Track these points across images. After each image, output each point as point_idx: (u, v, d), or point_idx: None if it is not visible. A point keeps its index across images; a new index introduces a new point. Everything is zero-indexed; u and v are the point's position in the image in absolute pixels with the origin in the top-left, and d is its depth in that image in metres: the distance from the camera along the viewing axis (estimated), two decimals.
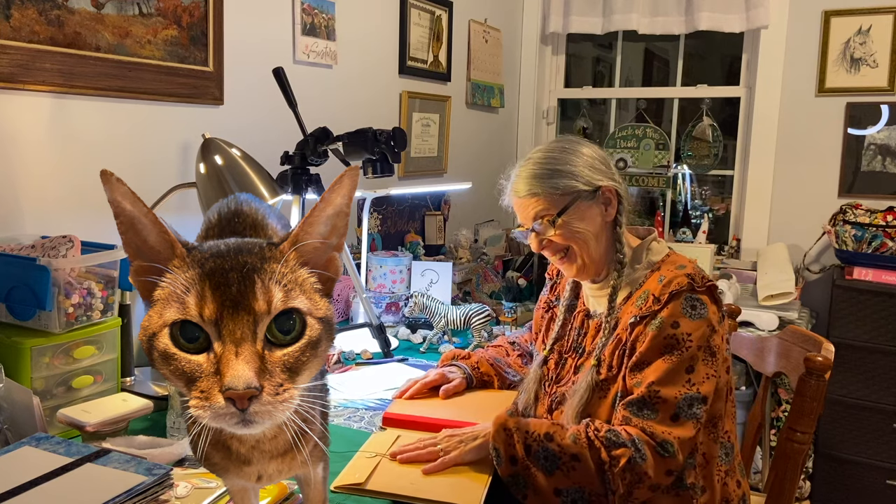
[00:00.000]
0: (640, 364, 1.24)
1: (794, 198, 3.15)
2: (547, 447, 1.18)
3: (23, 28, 1.44)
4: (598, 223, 1.36)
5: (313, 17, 2.23)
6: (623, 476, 1.16)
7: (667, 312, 1.24)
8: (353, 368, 1.76)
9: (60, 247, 1.37)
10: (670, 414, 1.20)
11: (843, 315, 2.71)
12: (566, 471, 1.17)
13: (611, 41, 3.77)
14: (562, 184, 1.34)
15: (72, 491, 0.97)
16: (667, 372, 1.21)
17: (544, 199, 1.35)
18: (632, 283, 1.36)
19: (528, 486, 1.18)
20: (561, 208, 1.34)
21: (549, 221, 1.34)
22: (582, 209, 1.35)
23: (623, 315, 1.33)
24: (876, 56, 2.92)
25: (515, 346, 1.69)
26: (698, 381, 1.21)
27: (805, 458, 1.40)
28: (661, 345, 1.23)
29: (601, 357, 1.32)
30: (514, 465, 1.19)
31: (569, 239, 1.35)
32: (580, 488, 1.18)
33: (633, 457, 1.16)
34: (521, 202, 1.38)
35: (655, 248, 1.38)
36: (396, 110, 2.75)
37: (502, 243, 3.21)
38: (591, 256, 1.36)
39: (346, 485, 1.15)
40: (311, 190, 1.68)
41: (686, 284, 1.25)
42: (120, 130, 1.68)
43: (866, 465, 2.73)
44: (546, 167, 1.37)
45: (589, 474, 1.17)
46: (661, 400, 1.20)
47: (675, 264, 1.33)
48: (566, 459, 1.17)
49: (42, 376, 1.30)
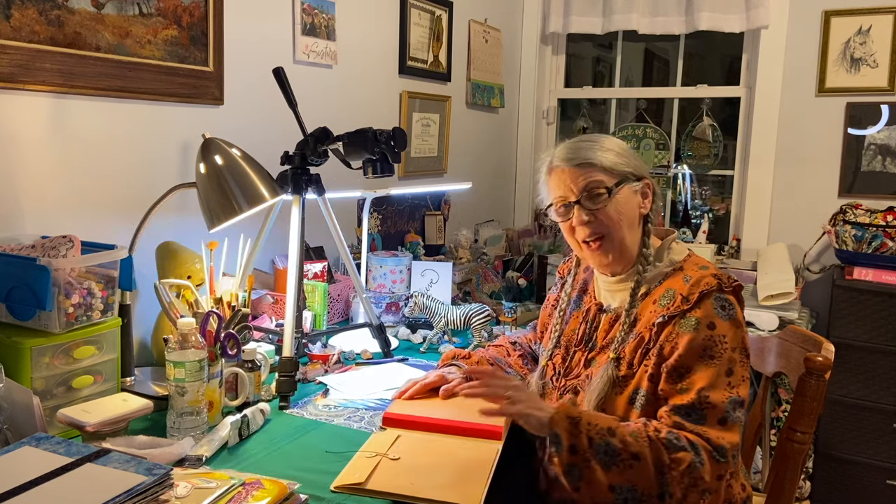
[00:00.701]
0: (680, 368, 1.24)
1: (794, 198, 3.15)
2: (609, 442, 1.17)
3: (23, 28, 1.44)
4: (636, 213, 1.37)
5: (313, 17, 2.23)
6: (681, 480, 1.16)
7: (700, 313, 1.25)
8: (353, 368, 1.76)
9: (60, 247, 1.37)
10: (718, 418, 1.20)
11: (843, 315, 2.71)
12: (624, 468, 1.16)
13: (611, 41, 3.76)
14: (617, 161, 1.35)
15: (72, 491, 0.97)
16: (713, 377, 1.21)
17: (599, 170, 1.34)
18: (651, 280, 1.36)
19: (583, 478, 1.17)
20: (615, 183, 1.34)
21: (604, 190, 1.33)
22: (627, 194, 1.36)
23: (643, 312, 1.33)
24: (876, 56, 2.92)
25: (517, 345, 1.68)
26: (736, 384, 1.23)
27: (805, 458, 1.40)
28: (699, 347, 1.23)
29: (620, 353, 1.32)
30: (575, 454, 1.17)
31: (611, 220, 1.34)
32: (634, 487, 1.17)
33: (694, 461, 1.16)
34: (572, 172, 1.35)
35: (676, 249, 1.40)
36: (396, 110, 2.75)
37: (502, 243, 3.21)
38: (624, 246, 1.36)
39: (346, 485, 1.15)
40: (311, 190, 1.68)
41: (715, 285, 1.26)
42: (120, 130, 1.68)
43: (866, 465, 2.73)
44: (602, 144, 1.37)
45: (647, 474, 1.16)
46: (711, 405, 1.20)
47: (698, 265, 1.34)
48: (626, 456, 1.16)
49: (42, 376, 1.30)
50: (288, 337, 1.55)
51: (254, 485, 1.07)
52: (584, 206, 1.34)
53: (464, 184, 2.83)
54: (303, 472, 1.20)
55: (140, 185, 1.73)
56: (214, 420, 1.39)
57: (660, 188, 1.43)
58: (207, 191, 1.53)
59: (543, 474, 1.45)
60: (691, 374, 1.23)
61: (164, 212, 1.66)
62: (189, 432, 1.30)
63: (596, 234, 1.36)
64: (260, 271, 2.10)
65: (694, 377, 1.23)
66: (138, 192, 1.72)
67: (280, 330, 1.73)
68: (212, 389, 1.38)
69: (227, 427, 1.30)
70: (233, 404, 1.46)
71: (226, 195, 1.52)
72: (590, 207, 1.34)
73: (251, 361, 1.50)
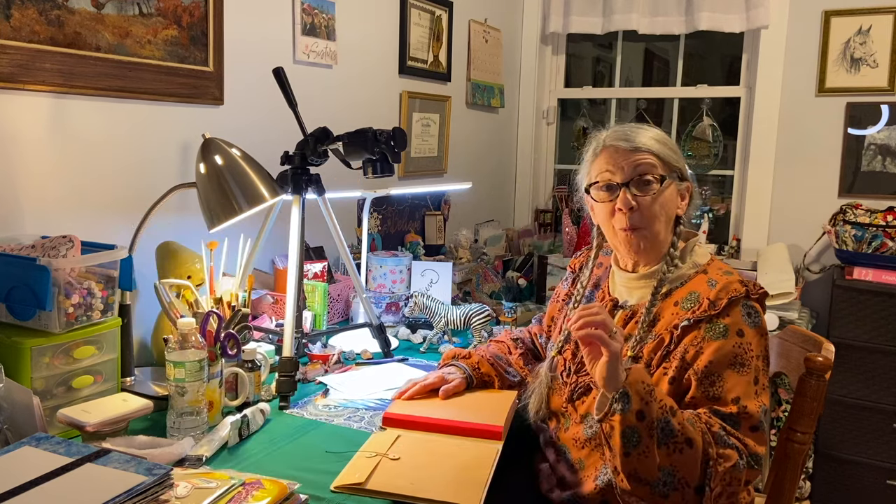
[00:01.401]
0: (711, 376, 1.23)
1: (794, 198, 3.15)
2: (669, 420, 1.15)
3: (23, 28, 1.44)
4: (673, 213, 1.38)
5: (313, 17, 2.23)
6: (723, 476, 1.16)
7: (730, 320, 1.25)
8: (353, 368, 1.76)
9: (60, 247, 1.37)
10: (751, 426, 1.21)
11: (843, 315, 2.71)
12: (673, 450, 1.15)
13: (611, 41, 3.76)
14: (671, 155, 1.36)
15: (72, 491, 0.97)
16: (746, 385, 1.22)
17: (656, 159, 1.34)
18: (673, 280, 1.35)
19: (639, 444, 1.15)
20: (666, 174, 1.34)
21: (656, 178, 1.32)
22: (672, 190, 1.36)
23: (663, 312, 1.33)
24: (876, 56, 2.92)
25: (519, 343, 1.66)
26: (761, 392, 1.23)
27: (805, 458, 1.40)
28: (730, 354, 1.23)
29: (639, 353, 1.31)
30: (641, 420, 1.14)
31: (653, 213, 1.33)
32: (675, 471, 1.15)
33: (738, 462, 1.17)
34: (626, 153, 1.34)
35: (699, 252, 1.39)
36: (396, 110, 2.75)
37: (502, 243, 3.21)
38: (657, 241, 1.36)
39: (346, 485, 1.15)
40: (311, 190, 1.68)
41: (744, 291, 1.26)
42: (120, 130, 1.68)
43: (866, 465, 2.73)
44: (661, 137, 1.37)
45: (693, 462, 1.15)
46: (748, 414, 1.21)
47: (722, 269, 1.34)
48: (680, 440, 1.15)
49: (42, 376, 1.30)
50: (288, 337, 1.55)
51: (254, 485, 1.07)
52: (631, 189, 1.33)
53: (464, 184, 2.83)
54: (303, 472, 1.20)
55: (140, 185, 1.73)
56: (214, 420, 1.39)
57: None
58: (207, 191, 1.53)
59: (545, 475, 1.45)
60: (722, 380, 1.23)
61: (164, 212, 1.66)
62: (189, 432, 1.30)
63: (635, 226, 1.35)
64: (260, 271, 2.10)
65: (726, 384, 1.22)
66: (138, 192, 1.72)
67: (280, 330, 1.73)
68: (212, 389, 1.38)
69: (227, 427, 1.30)
70: (233, 404, 1.46)
71: (226, 195, 1.52)
72: (637, 193, 1.33)
73: (251, 361, 1.50)
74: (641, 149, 1.34)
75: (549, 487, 1.42)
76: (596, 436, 1.31)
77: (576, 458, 1.36)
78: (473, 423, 1.36)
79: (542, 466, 1.47)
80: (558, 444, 1.41)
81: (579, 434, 1.36)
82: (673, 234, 1.38)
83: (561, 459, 1.40)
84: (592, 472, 1.33)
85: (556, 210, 3.66)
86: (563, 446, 1.40)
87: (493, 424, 1.36)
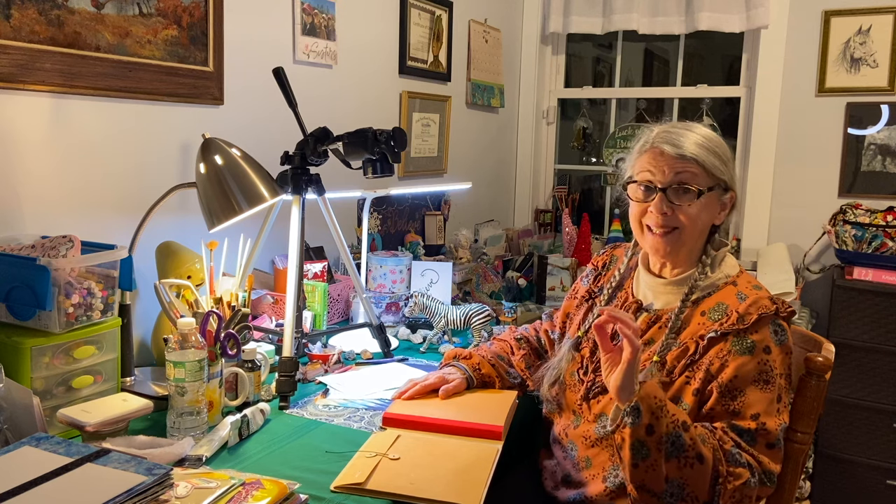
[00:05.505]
0: (734, 390, 1.23)
1: (794, 198, 3.15)
2: (681, 435, 1.16)
3: (23, 28, 1.44)
4: (709, 222, 1.36)
5: (313, 17, 2.23)
6: (733, 494, 1.17)
7: (758, 336, 1.25)
8: (353, 368, 1.76)
9: (60, 247, 1.37)
10: (768, 443, 1.22)
11: (843, 315, 2.71)
12: (684, 464, 1.15)
13: (611, 41, 3.76)
14: (718, 166, 1.33)
15: (72, 491, 0.97)
16: (768, 403, 1.22)
17: (700, 169, 1.31)
18: (703, 289, 1.34)
19: (648, 458, 1.15)
20: (707, 187, 1.32)
21: (695, 190, 1.30)
22: (713, 199, 1.34)
23: (689, 320, 1.32)
24: (876, 56, 2.92)
25: (522, 343, 1.64)
26: (782, 410, 1.24)
27: (805, 458, 1.40)
28: (755, 370, 1.23)
29: (663, 358, 1.30)
30: (650, 434, 1.15)
31: (689, 219, 1.32)
32: (684, 485, 1.17)
33: (749, 480, 1.17)
34: (670, 159, 1.31)
35: (729, 262, 1.39)
36: (396, 110, 2.75)
37: (502, 243, 3.21)
38: (687, 248, 1.35)
39: (346, 485, 1.15)
40: (311, 190, 1.68)
41: (773, 309, 1.26)
42: (120, 130, 1.68)
43: (866, 465, 2.73)
44: (712, 144, 1.34)
45: (703, 478, 1.16)
46: (766, 432, 1.21)
47: (751, 283, 1.34)
48: (691, 455, 1.16)
49: (42, 376, 1.30)
50: (288, 337, 1.55)
51: (254, 485, 1.07)
52: (668, 196, 1.32)
53: (464, 184, 2.83)
54: (303, 472, 1.20)
55: (140, 185, 1.73)
56: (214, 420, 1.39)
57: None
58: (207, 191, 1.53)
59: (549, 471, 1.45)
60: (744, 395, 1.23)
61: (164, 212, 1.66)
62: (189, 432, 1.30)
63: (666, 228, 1.33)
64: (260, 271, 2.10)
65: (748, 400, 1.23)
66: (138, 192, 1.72)
67: (280, 330, 1.73)
68: (212, 389, 1.38)
69: (227, 427, 1.30)
70: (233, 404, 1.46)
71: (226, 195, 1.52)
72: (673, 201, 1.32)
73: (251, 361, 1.50)
74: (687, 157, 1.31)
75: (555, 485, 1.42)
76: (607, 437, 1.31)
77: (582, 456, 1.36)
78: (473, 423, 1.36)
79: (547, 463, 1.47)
80: (566, 440, 1.41)
81: (590, 432, 1.36)
82: (707, 241, 1.38)
83: (567, 456, 1.40)
84: (599, 471, 1.33)
85: (556, 210, 3.66)
86: (570, 443, 1.40)
87: (493, 424, 1.36)
